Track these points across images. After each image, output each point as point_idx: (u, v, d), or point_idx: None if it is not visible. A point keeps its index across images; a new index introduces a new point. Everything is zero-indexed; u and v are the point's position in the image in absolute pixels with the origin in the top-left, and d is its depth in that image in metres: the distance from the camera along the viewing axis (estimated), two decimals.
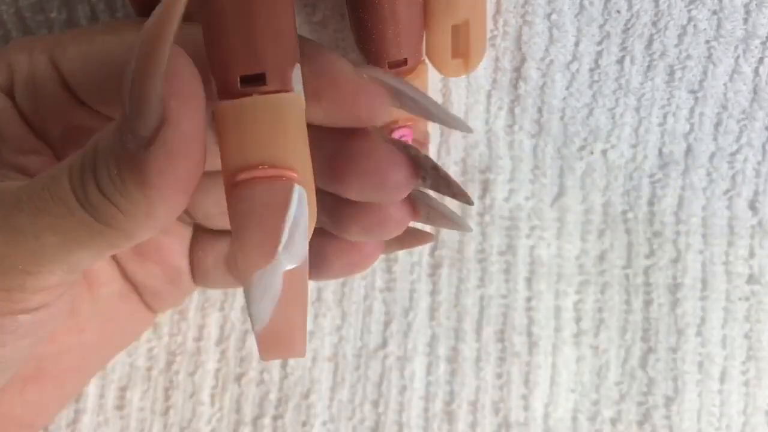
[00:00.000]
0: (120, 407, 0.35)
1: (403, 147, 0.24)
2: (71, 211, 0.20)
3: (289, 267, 0.21)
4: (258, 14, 0.21)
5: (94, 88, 0.25)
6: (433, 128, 0.32)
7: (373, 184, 0.24)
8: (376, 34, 0.26)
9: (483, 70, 0.31)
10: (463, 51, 0.28)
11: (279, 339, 0.21)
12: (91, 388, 0.35)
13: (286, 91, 0.21)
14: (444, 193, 0.24)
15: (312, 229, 0.23)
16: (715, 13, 0.29)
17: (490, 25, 0.30)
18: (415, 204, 0.26)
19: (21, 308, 0.23)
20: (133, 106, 0.19)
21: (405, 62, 0.26)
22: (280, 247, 0.21)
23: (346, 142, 0.24)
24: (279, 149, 0.21)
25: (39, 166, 0.25)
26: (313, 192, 0.23)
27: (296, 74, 0.22)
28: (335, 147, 0.24)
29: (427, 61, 0.28)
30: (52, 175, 0.21)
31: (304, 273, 0.21)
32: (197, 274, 0.31)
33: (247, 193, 0.21)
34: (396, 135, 0.28)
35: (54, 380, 0.29)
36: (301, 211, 0.21)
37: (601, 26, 0.29)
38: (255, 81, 0.21)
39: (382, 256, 0.34)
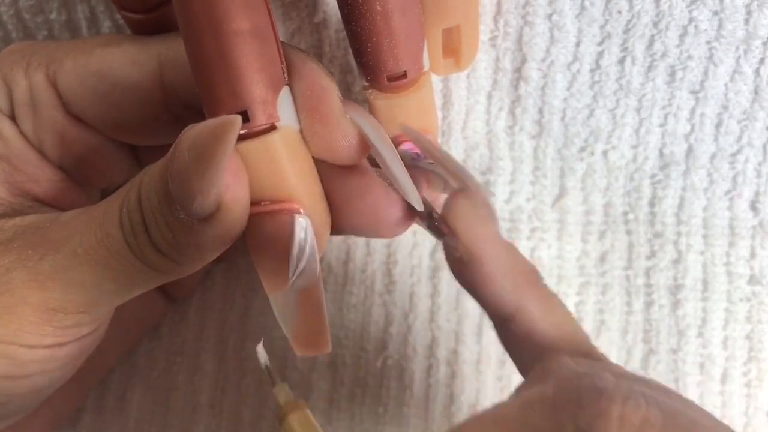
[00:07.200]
0: (120, 407, 0.35)
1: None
2: (131, 264, 0.22)
3: (302, 287, 0.23)
4: (233, 52, 0.21)
5: (90, 103, 0.25)
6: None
7: (366, 224, 0.25)
8: (372, 47, 0.25)
9: (483, 70, 0.31)
10: (454, 50, 0.28)
11: (305, 340, 0.24)
12: None
13: (272, 123, 0.22)
14: (437, 238, 0.24)
15: (325, 243, 0.25)
16: (716, 13, 0.28)
17: (491, 25, 0.30)
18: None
19: (75, 339, 0.25)
20: (190, 196, 0.21)
21: (404, 75, 0.26)
22: (291, 274, 0.22)
23: (343, 177, 0.24)
24: (276, 186, 0.22)
25: (54, 192, 0.27)
26: (322, 211, 0.24)
27: (283, 97, 0.22)
28: (332, 179, 0.24)
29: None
30: (107, 231, 0.22)
31: (317, 288, 0.23)
32: None
33: (256, 227, 0.23)
34: (404, 147, 0.27)
35: (77, 378, 0.29)
36: (306, 237, 0.23)
37: (602, 27, 0.29)
38: (244, 119, 0.22)
39: (381, 259, 0.34)
